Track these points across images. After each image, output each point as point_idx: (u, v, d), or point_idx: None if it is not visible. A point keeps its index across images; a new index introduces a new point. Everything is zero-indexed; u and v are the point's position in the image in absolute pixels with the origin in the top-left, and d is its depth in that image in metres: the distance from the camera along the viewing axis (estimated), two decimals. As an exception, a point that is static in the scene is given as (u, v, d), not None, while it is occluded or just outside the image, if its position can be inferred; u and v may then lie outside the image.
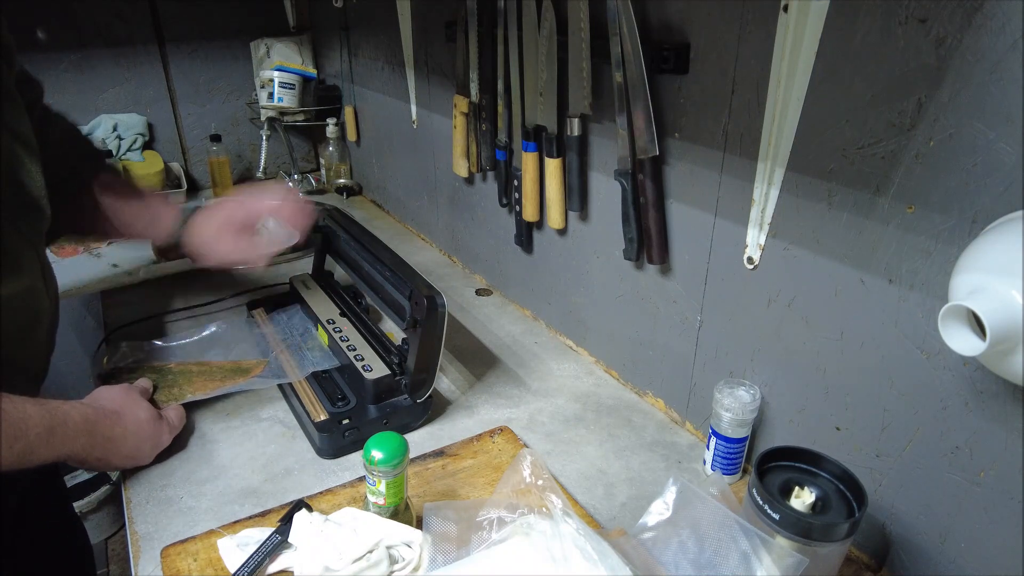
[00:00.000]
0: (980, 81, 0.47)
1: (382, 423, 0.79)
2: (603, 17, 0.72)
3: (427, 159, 1.33)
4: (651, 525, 0.61)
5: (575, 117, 0.84)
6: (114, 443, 0.70)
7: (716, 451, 0.73)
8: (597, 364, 0.98)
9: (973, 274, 0.44)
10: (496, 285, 1.21)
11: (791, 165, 0.62)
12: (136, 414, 0.74)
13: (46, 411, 0.63)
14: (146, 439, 0.74)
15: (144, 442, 0.74)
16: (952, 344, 0.44)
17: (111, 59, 1.58)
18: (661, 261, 0.79)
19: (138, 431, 0.73)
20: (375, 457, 0.58)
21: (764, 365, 0.72)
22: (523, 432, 0.83)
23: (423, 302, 0.74)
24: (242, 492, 0.73)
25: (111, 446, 0.69)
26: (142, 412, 0.74)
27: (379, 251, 0.88)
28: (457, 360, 0.99)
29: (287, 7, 1.74)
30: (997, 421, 0.52)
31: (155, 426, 0.75)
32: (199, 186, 1.78)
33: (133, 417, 0.73)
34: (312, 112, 1.70)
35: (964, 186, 0.50)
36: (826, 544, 0.54)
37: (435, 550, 0.59)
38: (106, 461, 0.70)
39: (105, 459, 0.69)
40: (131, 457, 0.73)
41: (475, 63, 0.99)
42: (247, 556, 0.60)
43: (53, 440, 0.62)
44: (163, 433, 0.76)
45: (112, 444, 0.70)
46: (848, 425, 0.64)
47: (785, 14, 0.58)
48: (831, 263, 0.61)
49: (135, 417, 0.73)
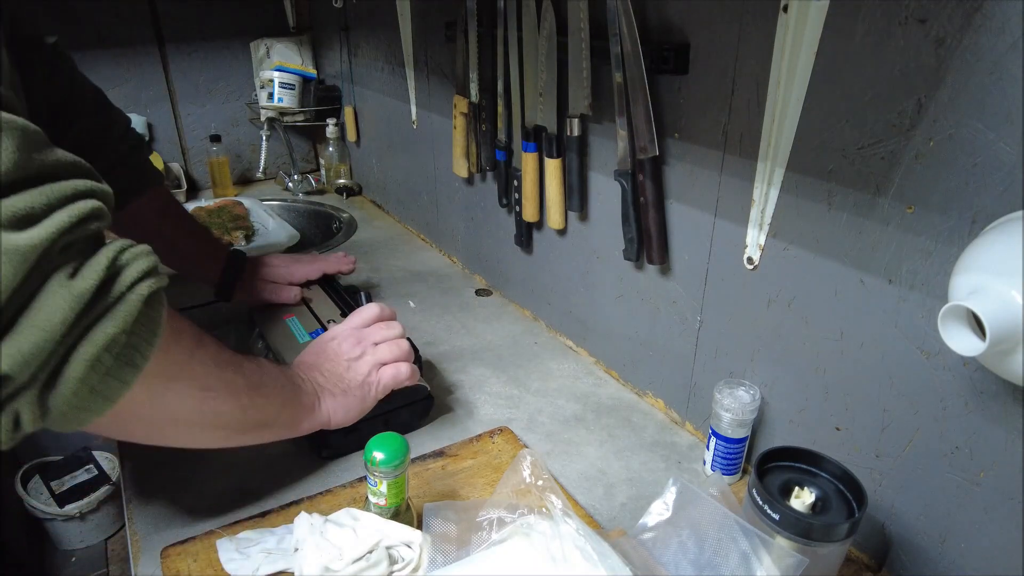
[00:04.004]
0: (980, 81, 0.47)
1: (383, 424, 0.79)
2: (603, 17, 0.72)
3: (427, 159, 1.33)
4: (651, 525, 0.61)
5: (575, 117, 0.84)
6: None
7: (716, 451, 0.73)
8: (597, 364, 0.98)
9: (973, 274, 0.44)
10: (496, 285, 1.21)
11: (791, 165, 0.62)
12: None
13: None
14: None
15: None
16: (952, 344, 0.44)
17: (111, 59, 1.58)
18: (661, 261, 0.79)
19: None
20: (376, 458, 0.58)
21: (764, 365, 0.72)
22: (523, 432, 0.83)
23: None
24: (242, 492, 0.73)
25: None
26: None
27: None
28: (457, 360, 0.99)
29: (287, 7, 1.74)
30: (997, 421, 0.52)
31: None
32: (199, 186, 1.78)
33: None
34: (312, 112, 1.70)
35: (964, 186, 0.50)
36: (826, 544, 0.54)
37: (435, 550, 0.59)
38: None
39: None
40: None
41: (475, 63, 0.99)
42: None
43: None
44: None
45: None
46: (848, 425, 0.64)
47: (785, 14, 0.58)
48: (831, 263, 0.61)
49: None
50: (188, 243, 0.97)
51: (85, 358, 0.43)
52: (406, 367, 0.76)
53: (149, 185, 0.93)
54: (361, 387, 0.73)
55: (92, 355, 0.43)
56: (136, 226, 0.93)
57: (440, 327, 1.08)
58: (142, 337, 0.47)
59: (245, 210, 1.51)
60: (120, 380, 0.46)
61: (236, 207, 1.51)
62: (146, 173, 0.94)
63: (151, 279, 0.47)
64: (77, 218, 0.42)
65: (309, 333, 0.90)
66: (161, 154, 1.67)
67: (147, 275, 0.47)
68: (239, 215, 1.48)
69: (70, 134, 0.86)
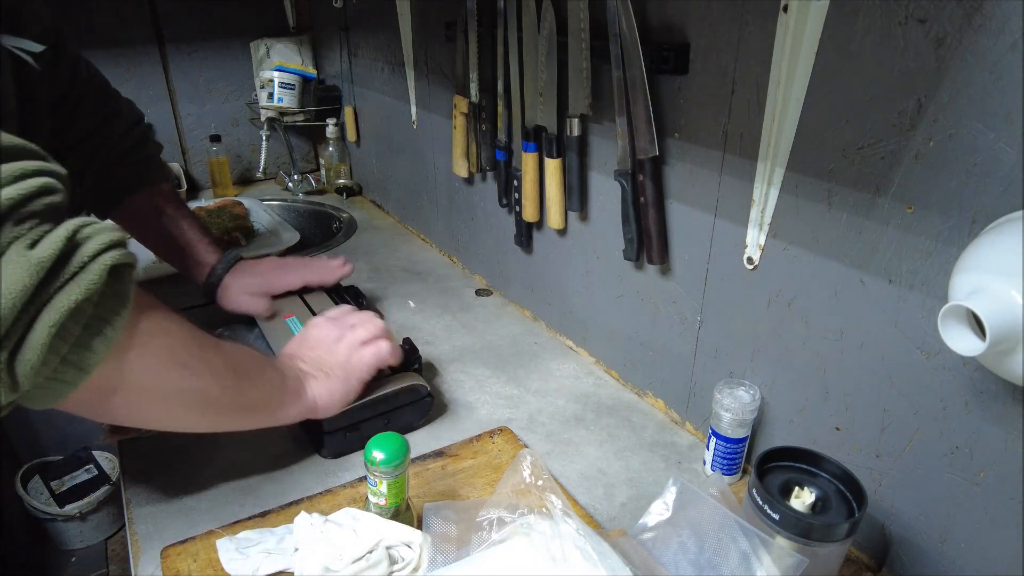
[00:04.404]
0: (980, 81, 0.47)
1: (383, 423, 0.79)
2: (603, 17, 0.72)
3: (427, 159, 1.33)
4: (651, 525, 0.61)
5: (575, 117, 0.84)
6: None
7: (716, 451, 0.73)
8: (597, 364, 0.98)
9: (973, 274, 0.44)
10: (496, 285, 1.21)
11: (791, 165, 0.62)
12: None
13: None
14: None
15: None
16: (952, 344, 0.44)
17: (111, 59, 1.57)
18: (661, 261, 0.79)
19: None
20: (376, 458, 0.58)
21: (764, 365, 0.72)
22: (523, 432, 0.83)
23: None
24: (242, 492, 0.73)
25: None
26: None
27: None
28: (457, 360, 0.99)
29: (287, 7, 1.74)
30: (997, 421, 0.52)
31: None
32: (199, 186, 1.78)
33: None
34: (312, 112, 1.70)
35: (964, 186, 0.50)
36: (826, 544, 0.54)
37: (435, 550, 0.59)
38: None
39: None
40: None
41: (475, 63, 0.99)
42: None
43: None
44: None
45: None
46: (848, 425, 0.64)
47: (785, 14, 0.58)
48: (831, 263, 0.61)
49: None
50: (184, 243, 0.96)
51: (48, 323, 0.43)
52: (386, 344, 0.77)
53: (143, 184, 0.93)
54: (343, 367, 0.74)
55: (55, 320, 0.43)
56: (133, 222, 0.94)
57: (440, 327, 1.08)
58: (109, 308, 0.47)
59: (245, 210, 1.51)
60: (90, 350, 0.47)
61: (236, 207, 1.51)
62: (144, 172, 0.94)
63: (115, 251, 0.47)
64: (27, 192, 0.43)
65: None
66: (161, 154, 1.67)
67: (111, 247, 0.47)
68: (239, 215, 1.47)
69: (72, 130, 0.86)
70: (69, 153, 0.87)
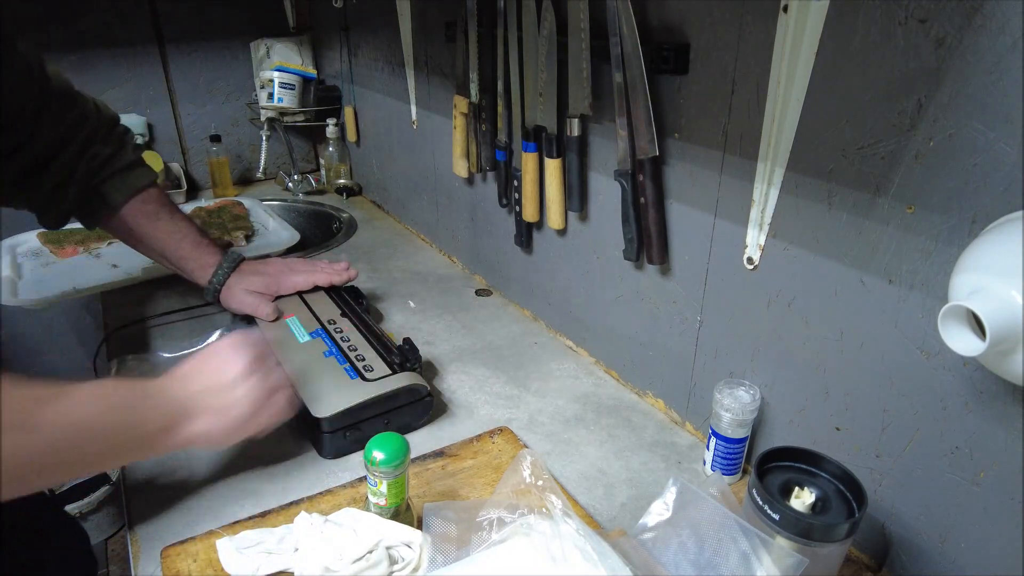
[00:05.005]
0: (980, 81, 0.47)
1: (383, 424, 0.79)
2: (603, 17, 0.72)
3: (427, 159, 1.33)
4: (651, 525, 0.61)
5: (575, 117, 0.84)
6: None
7: (716, 451, 0.73)
8: (597, 364, 0.98)
9: (973, 274, 0.44)
10: (496, 285, 1.21)
11: (791, 165, 0.62)
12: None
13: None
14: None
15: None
16: (952, 344, 0.44)
17: (111, 59, 1.58)
18: (661, 261, 0.79)
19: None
20: (376, 458, 0.58)
21: (764, 365, 0.72)
22: (523, 432, 0.83)
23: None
24: (242, 492, 0.73)
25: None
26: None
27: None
28: (457, 360, 0.99)
29: (287, 7, 1.74)
30: (997, 421, 0.52)
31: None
32: (199, 187, 1.78)
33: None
34: (312, 112, 1.70)
35: (964, 186, 0.50)
36: (826, 544, 0.54)
37: (435, 550, 0.59)
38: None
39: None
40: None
41: (475, 63, 0.99)
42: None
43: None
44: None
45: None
46: (848, 425, 0.64)
47: (785, 14, 0.58)
48: (831, 263, 0.61)
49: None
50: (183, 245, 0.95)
51: None
52: (287, 395, 0.72)
53: (131, 194, 0.91)
54: (232, 411, 0.66)
55: None
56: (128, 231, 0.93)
57: (440, 327, 1.08)
58: None
59: (245, 210, 1.51)
60: None
61: (236, 207, 1.51)
62: (128, 180, 0.91)
63: None
64: None
65: (309, 333, 0.91)
66: (161, 154, 1.67)
67: None
68: (239, 215, 1.48)
69: (38, 143, 0.83)
70: (43, 169, 0.84)
